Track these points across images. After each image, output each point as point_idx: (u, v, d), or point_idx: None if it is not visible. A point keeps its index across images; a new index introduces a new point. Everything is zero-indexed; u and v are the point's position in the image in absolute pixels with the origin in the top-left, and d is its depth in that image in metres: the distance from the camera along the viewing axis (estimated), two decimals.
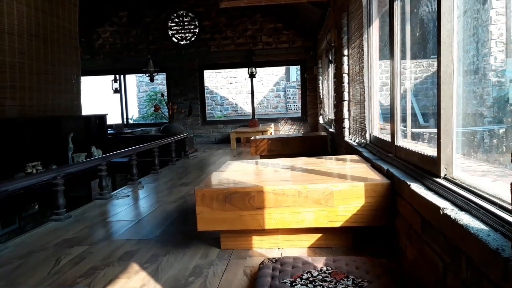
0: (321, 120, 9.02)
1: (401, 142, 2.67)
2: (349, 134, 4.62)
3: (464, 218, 1.38)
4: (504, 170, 2.17)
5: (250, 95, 13.27)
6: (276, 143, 5.94)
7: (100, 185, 4.26)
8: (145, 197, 4.36)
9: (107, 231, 3.17)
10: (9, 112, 5.37)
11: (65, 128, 6.25)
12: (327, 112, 8.33)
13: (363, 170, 2.71)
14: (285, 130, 10.02)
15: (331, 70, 7.52)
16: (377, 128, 3.64)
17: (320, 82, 9.14)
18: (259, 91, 14.02)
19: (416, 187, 1.93)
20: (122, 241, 2.82)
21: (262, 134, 8.63)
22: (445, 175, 1.84)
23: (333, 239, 2.43)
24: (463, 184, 1.66)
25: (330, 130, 6.35)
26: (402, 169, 2.36)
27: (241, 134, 8.96)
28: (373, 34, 3.59)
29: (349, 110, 4.62)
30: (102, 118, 7.45)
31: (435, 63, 1.90)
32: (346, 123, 4.66)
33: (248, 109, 13.85)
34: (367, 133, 3.70)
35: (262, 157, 6.01)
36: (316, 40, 9.14)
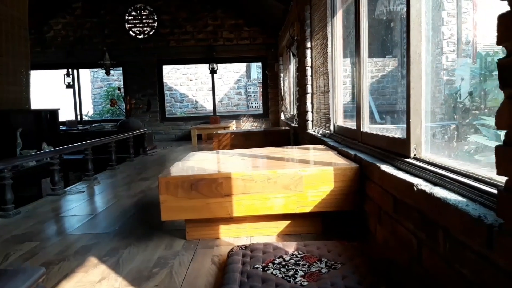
0: (282, 117, 9.05)
1: (367, 128, 2.68)
2: (313, 127, 4.63)
3: (440, 192, 1.37)
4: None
5: (210, 92, 13.08)
6: (239, 137, 5.87)
7: (52, 180, 3.99)
8: (101, 192, 4.12)
9: (61, 226, 2.95)
10: None
11: (13, 122, 5.82)
12: (289, 108, 8.37)
13: (330, 156, 2.70)
14: (247, 127, 9.96)
15: (293, 66, 7.55)
16: (341, 118, 3.65)
17: (282, 79, 9.17)
18: (220, 89, 13.87)
19: (387, 168, 1.92)
20: (78, 236, 2.63)
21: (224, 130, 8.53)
22: (415, 155, 1.84)
23: (303, 225, 2.38)
24: (434, 162, 1.66)
25: (293, 125, 6.37)
26: (370, 154, 2.36)
27: (202, 131, 8.80)
28: (337, 24, 3.60)
29: (312, 103, 4.63)
30: (54, 113, 7.02)
31: (396, 58, 1.90)
32: (310, 116, 4.67)
33: (209, 106, 13.66)
34: (331, 123, 3.71)
35: None
36: (277, 37, 9.16)
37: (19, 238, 2.64)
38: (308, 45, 4.59)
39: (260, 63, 11.06)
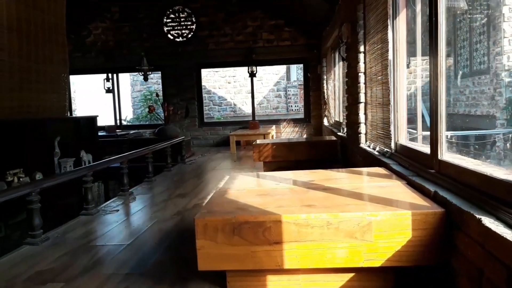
0: (325, 122, 8.54)
1: (446, 155, 2.19)
2: (366, 141, 4.13)
3: None
4: None
5: (249, 95, 12.75)
6: (281, 148, 5.44)
7: (85, 198, 3.75)
8: (137, 211, 3.85)
9: (90, 259, 2.65)
10: None
11: (51, 131, 5.73)
12: (333, 113, 7.85)
13: (401, 190, 2.22)
14: (287, 132, 9.53)
15: (339, 68, 7.04)
16: (404, 136, 3.15)
17: (325, 81, 8.65)
18: (258, 91, 13.50)
19: (492, 223, 1.45)
20: (106, 276, 2.32)
21: (264, 137, 8.14)
22: None
23: (370, 280, 1.94)
24: None
25: (339, 134, 5.87)
26: (456, 193, 1.87)
27: (241, 137, 8.45)
28: (400, 26, 3.10)
29: (365, 114, 4.13)
30: (92, 120, 6.93)
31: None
32: (362, 128, 4.17)
33: (247, 109, 13.33)
34: (392, 141, 3.21)
35: (266, 163, 5.52)
36: (320, 38, 8.64)
37: (42, 276, 2.36)
38: (361, 49, 4.09)
39: (301, 65, 10.58)
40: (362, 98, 4.14)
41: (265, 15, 9.21)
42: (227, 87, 13.72)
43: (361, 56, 4.10)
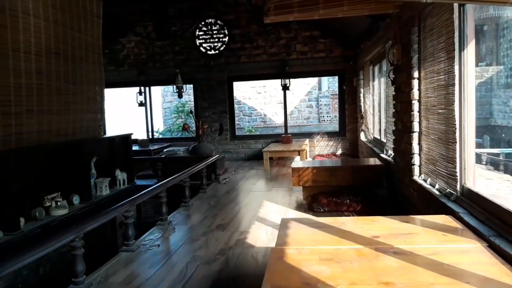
0: (362, 137, 8.22)
1: None
2: (421, 174, 3.83)
3: None
4: None
5: (279, 105, 12.57)
6: (322, 172, 5.20)
7: (125, 234, 3.63)
8: (178, 248, 3.68)
9: None
10: (25, 139, 4.81)
11: (87, 152, 5.68)
12: (371, 129, 7.53)
13: (487, 259, 1.95)
14: (321, 146, 9.24)
15: (379, 84, 6.73)
16: (472, 178, 2.86)
17: (362, 94, 8.33)
18: (289, 101, 13.24)
19: None
20: None
21: (298, 154, 7.91)
22: None
23: None
24: None
25: (383, 156, 5.56)
26: None
27: (274, 154, 8.23)
28: (468, 59, 2.82)
29: (420, 144, 3.84)
30: (126, 138, 6.87)
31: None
32: (416, 160, 3.88)
33: (277, 120, 13.11)
34: (458, 183, 2.92)
35: (305, 187, 5.29)
36: (357, 49, 8.33)
37: None
38: (415, 74, 3.80)
39: (335, 77, 10.29)
40: (416, 127, 3.85)
41: (299, 26, 8.97)
42: (258, 97, 13.54)
43: (415, 82, 3.82)
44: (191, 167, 5.55)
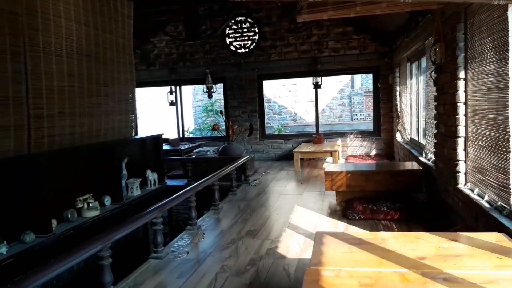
0: (398, 137, 7.87)
1: None
2: (467, 182, 3.55)
3: None
4: None
5: (310, 103, 12.28)
6: (357, 177, 4.96)
7: (154, 241, 3.56)
8: (206, 257, 3.57)
9: None
10: (57, 142, 4.86)
11: (119, 153, 5.70)
12: (408, 130, 7.19)
13: None
14: (354, 147, 8.94)
15: (417, 83, 6.39)
16: None
17: (398, 93, 7.97)
18: (320, 99, 12.95)
19: None
20: None
21: (331, 155, 7.66)
22: None
23: None
24: None
25: (422, 159, 5.26)
26: None
27: (305, 154, 8.01)
28: None
29: (465, 150, 3.55)
30: (157, 138, 6.87)
31: None
32: (461, 167, 3.59)
33: (308, 118, 12.84)
34: (511, 196, 2.65)
35: (339, 192, 5.08)
36: (393, 45, 7.96)
37: None
38: (461, 75, 3.52)
39: (370, 74, 9.92)
40: (461, 132, 3.56)
41: (331, 22, 8.68)
42: (288, 95, 13.30)
43: (461, 83, 3.53)
44: (220, 170, 5.44)
